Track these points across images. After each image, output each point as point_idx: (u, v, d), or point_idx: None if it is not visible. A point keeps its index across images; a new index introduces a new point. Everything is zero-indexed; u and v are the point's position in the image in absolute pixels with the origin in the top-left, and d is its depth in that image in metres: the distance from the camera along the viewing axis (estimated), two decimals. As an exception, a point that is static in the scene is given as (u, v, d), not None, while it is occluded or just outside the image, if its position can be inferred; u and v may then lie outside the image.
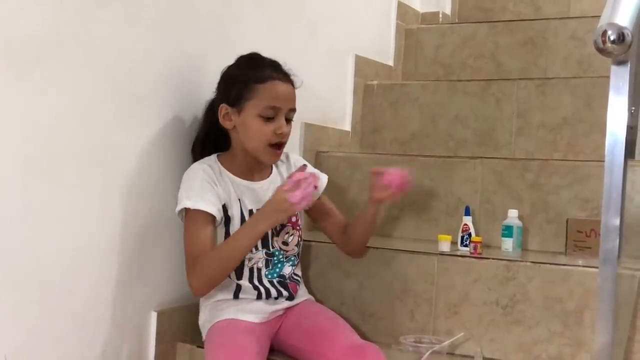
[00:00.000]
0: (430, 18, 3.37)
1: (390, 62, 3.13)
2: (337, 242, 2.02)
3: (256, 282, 1.86)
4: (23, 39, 1.56)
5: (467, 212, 2.19)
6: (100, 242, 1.77)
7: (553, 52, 2.86)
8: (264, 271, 1.87)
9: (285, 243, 1.91)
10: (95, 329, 1.77)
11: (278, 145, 1.83)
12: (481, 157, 2.34)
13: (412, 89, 2.80)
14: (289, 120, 1.84)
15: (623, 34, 1.24)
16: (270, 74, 1.82)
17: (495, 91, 2.62)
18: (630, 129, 1.95)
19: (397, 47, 3.16)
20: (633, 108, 2.00)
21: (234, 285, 1.85)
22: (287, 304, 1.89)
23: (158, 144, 1.91)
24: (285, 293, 1.89)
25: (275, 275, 1.89)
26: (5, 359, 1.55)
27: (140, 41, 1.85)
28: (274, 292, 1.87)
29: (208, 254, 1.74)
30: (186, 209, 1.77)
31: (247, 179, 1.88)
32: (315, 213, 2.02)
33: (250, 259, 1.85)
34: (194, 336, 1.93)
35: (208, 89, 1.95)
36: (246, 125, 1.81)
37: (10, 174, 1.55)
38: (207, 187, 1.79)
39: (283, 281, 1.90)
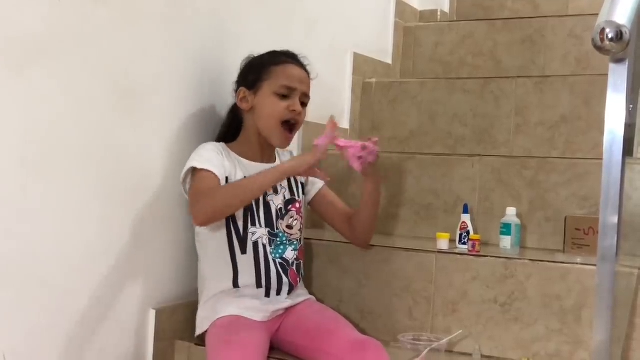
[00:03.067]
0: (428, 16, 3.37)
1: (389, 60, 3.13)
2: (344, 232, 2.04)
3: (261, 259, 1.86)
4: (22, 38, 1.56)
5: (466, 210, 2.19)
6: (99, 241, 1.77)
7: (551, 50, 2.86)
8: (268, 249, 1.88)
9: (289, 227, 1.94)
10: (93, 327, 1.77)
11: (290, 127, 1.90)
12: (480, 155, 2.35)
13: (411, 86, 2.80)
14: (303, 105, 1.92)
15: (621, 32, 1.24)
16: (286, 59, 1.94)
17: (494, 89, 2.62)
18: (628, 127, 1.95)
19: (395, 45, 3.16)
20: (631, 106, 2.01)
21: (231, 271, 1.84)
22: (288, 302, 1.89)
23: (157, 142, 1.91)
24: (285, 280, 1.89)
25: (278, 255, 1.90)
26: (3, 358, 1.55)
27: (139, 40, 1.85)
28: (275, 284, 1.87)
29: (221, 188, 1.81)
30: (193, 170, 1.83)
31: (253, 161, 1.93)
32: (319, 206, 2.06)
33: (253, 233, 1.86)
34: (193, 334, 1.93)
35: (207, 87, 1.96)
36: (262, 104, 1.90)
37: (8, 172, 1.55)
38: (215, 155, 1.86)
39: (285, 266, 1.90)
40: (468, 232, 2.12)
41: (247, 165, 1.91)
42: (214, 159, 1.85)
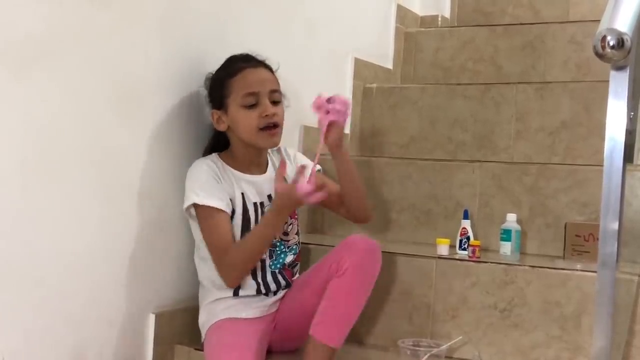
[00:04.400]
0: (429, 21, 3.37)
1: (390, 65, 3.13)
2: (342, 214, 2.04)
3: (259, 276, 1.88)
4: (22, 40, 1.56)
5: (466, 216, 2.19)
6: (99, 243, 1.77)
7: (552, 56, 2.86)
8: (267, 262, 1.89)
9: (285, 233, 1.93)
10: (93, 330, 1.77)
11: (269, 127, 1.86)
12: (480, 161, 2.35)
13: (411, 92, 2.80)
14: (276, 103, 1.88)
15: (622, 40, 1.24)
16: (240, 65, 1.88)
17: (495, 95, 2.62)
18: (629, 134, 1.95)
19: (396, 50, 3.16)
20: (632, 113, 2.01)
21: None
22: (283, 292, 1.93)
23: (157, 145, 1.91)
24: (283, 283, 1.93)
25: (278, 266, 1.92)
26: (3, 359, 1.55)
27: (139, 42, 1.85)
28: (273, 287, 1.91)
29: (235, 248, 1.80)
30: (195, 205, 1.81)
31: (248, 173, 1.91)
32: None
33: None
34: (192, 338, 1.93)
35: (204, 91, 1.96)
36: (235, 120, 1.86)
37: (8, 174, 1.55)
38: (213, 182, 1.83)
39: (283, 271, 1.93)
40: (468, 238, 2.12)
41: (242, 178, 1.89)
42: (214, 188, 1.83)
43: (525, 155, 2.54)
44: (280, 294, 1.93)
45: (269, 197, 1.92)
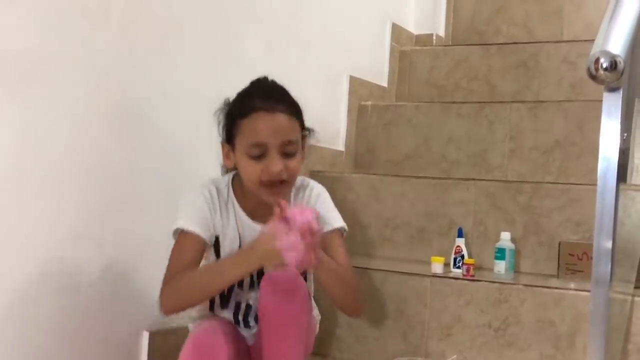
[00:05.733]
0: (424, 40, 3.39)
1: (384, 83, 3.14)
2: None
3: (240, 317, 1.73)
4: (17, 56, 1.57)
5: (460, 234, 2.19)
6: (93, 260, 1.77)
7: (546, 75, 2.88)
8: (254, 308, 1.71)
9: None
10: (86, 348, 1.77)
11: (274, 185, 1.59)
12: (474, 179, 2.36)
13: (406, 110, 2.82)
14: (289, 155, 1.60)
15: (615, 62, 1.25)
16: (255, 104, 1.59)
17: (489, 113, 2.63)
18: (622, 153, 1.96)
19: (391, 69, 3.18)
20: (625, 134, 2.02)
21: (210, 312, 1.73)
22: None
23: (152, 163, 1.92)
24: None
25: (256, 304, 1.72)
26: (-4, 378, 1.54)
27: (137, 61, 1.86)
28: (252, 322, 1.73)
29: (187, 274, 1.57)
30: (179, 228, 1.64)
31: (252, 218, 1.68)
32: None
33: (237, 294, 1.71)
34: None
35: (204, 110, 1.96)
36: (239, 164, 1.63)
37: (3, 192, 1.55)
38: (205, 211, 1.65)
39: None
40: (462, 256, 2.13)
41: (245, 221, 1.68)
42: (203, 217, 1.63)
43: (519, 173, 2.55)
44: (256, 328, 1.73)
45: None
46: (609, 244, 1.49)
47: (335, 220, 1.73)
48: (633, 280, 1.97)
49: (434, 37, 3.41)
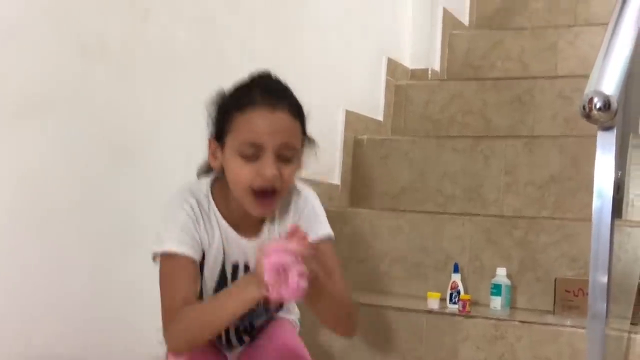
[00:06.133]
0: (419, 74, 3.41)
1: (380, 117, 3.16)
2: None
3: (222, 333, 1.58)
4: (16, 92, 1.58)
5: (456, 269, 2.19)
6: (89, 294, 1.76)
7: (540, 110, 2.89)
8: (235, 323, 1.56)
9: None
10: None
11: (264, 194, 1.40)
12: (470, 214, 2.36)
13: (402, 144, 2.83)
14: (286, 160, 1.41)
15: (609, 102, 1.26)
16: (256, 98, 1.43)
17: (484, 148, 2.64)
18: (617, 190, 1.96)
19: (386, 103, 3.20)
20: (619, 172, 2.02)
21: None
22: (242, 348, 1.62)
23: (150, 198, 1.91)
24: (247, 340, 1.61)
25: (246, 323, 1.59)
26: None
27: (135, 95, 1.87)
28: (234, 341, 1.60)
29: (190, 313, 1.38)
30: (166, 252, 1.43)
31: (237, 231, 1.50)
32: None
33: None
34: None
35: (200, 146, 1.96)
36: (227, 166, 1.44)
37: (-1, 227, 1.55)
38: (191, 227, 1.45)
39: (251, 330, 1.61)
40: (458, 292, 2.12)
41: (228, 233, 1.49)
42: (189, 234, 1.44)
43: (515, 208, 2.55)
44: (240, 349, 1.62)
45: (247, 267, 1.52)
46: (605, 281, 1.50)
47: (324, 227, 1.54)
48: (629, 316, 1.96)
49: (430, 72, 3.43)
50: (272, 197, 1.41)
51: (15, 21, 1.57)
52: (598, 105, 1.26)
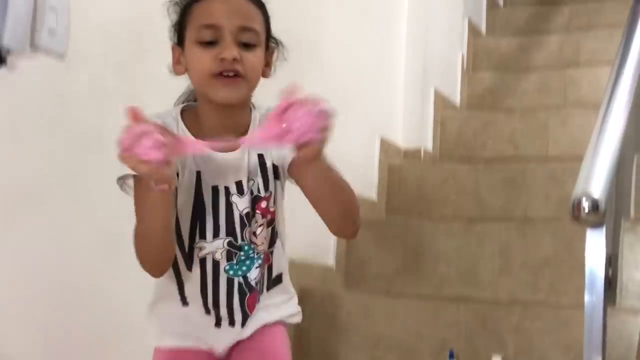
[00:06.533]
0: (412, 154, 3.45)
1: (374, 197, 3.17)
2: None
3: (209, 278, 1.41)
4: (9, 187, 1.60)
5: (452, 356, 2.18)
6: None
7: (533, 191, 2.91)
8: (223, 265, 1.40)
9: (254, 234, 1.41)
10: None
11: (227, 77, 1.31)
12: (465, 300, 2.35)
13: (396, 224, 2.84)
14: (248, 46, 1.33)
15: (597, 205, 1.28)
16: None
17: (478, 231, 2.66)
18: (609, 284, 1.97)
19: (380, 183, 3.22)
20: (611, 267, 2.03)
21: (176, 287, 1.43)
22: (246, 333, 1.45)
23: (144, 285, 1.91)
24: (237, 307, 1.42)
25: (239, 273, 1.41)
26: None
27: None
28: (223, 305, 1.42)
29: (136, 227, 1.35)
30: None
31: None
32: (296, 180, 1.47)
33: (201, 248, 1.39)
34: None
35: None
36: (188, 61, 1.36)
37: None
38: None
39: (244, 288, 1.42)
40: (454, 380, 2.11)
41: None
42: None
43: (509, 291, 2.54)
44: (239, 331, 1.44)
45: (238, 184, 1.39)
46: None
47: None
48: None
49: (422, 152, 3.46)
50: (237, 79, 1.32)
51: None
52: (586, 210, 1.28)
